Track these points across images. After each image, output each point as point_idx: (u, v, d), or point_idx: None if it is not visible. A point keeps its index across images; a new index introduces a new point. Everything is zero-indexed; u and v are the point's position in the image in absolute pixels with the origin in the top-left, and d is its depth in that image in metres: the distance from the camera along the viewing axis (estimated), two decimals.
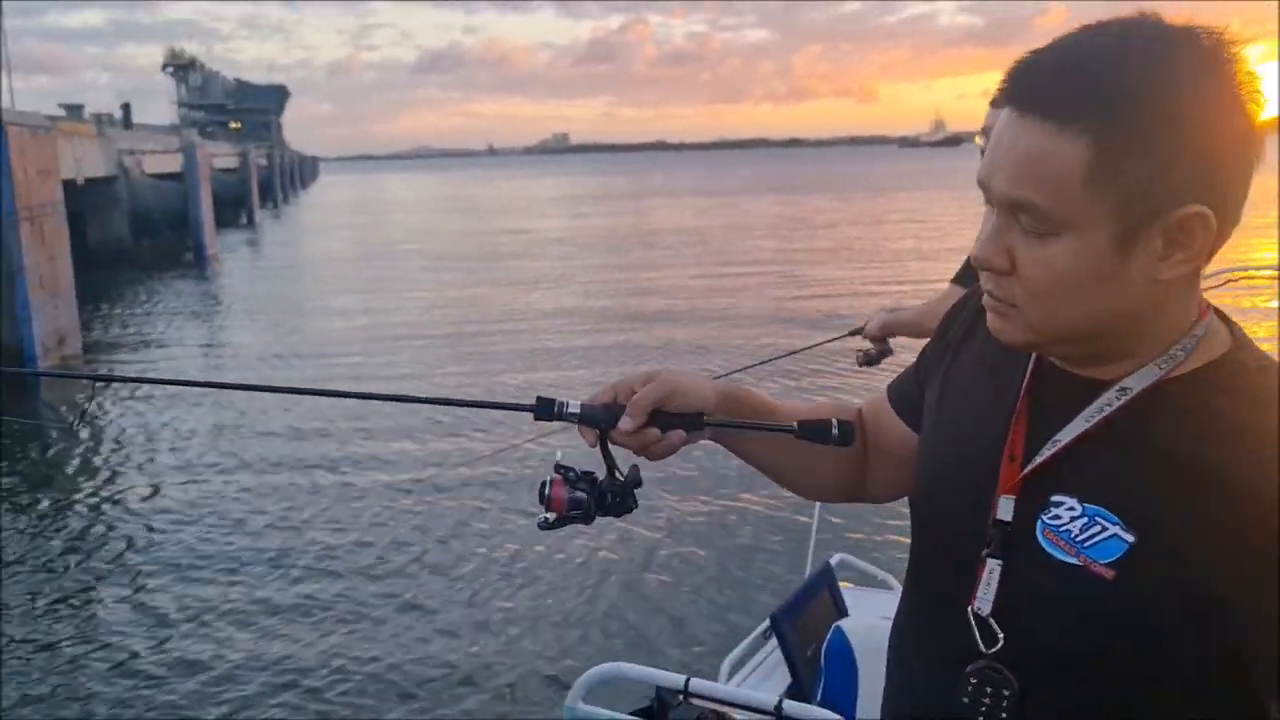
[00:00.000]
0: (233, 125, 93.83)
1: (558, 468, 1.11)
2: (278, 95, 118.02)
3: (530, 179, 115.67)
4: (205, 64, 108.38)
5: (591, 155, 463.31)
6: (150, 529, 7.34)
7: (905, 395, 1.27)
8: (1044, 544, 0.97)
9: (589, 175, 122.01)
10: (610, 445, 1.11)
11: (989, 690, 0.99)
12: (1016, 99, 0.91)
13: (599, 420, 1.09)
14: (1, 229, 12.79)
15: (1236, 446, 0.91)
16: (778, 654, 2.75)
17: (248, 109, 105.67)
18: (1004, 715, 0.99)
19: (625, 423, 1.09)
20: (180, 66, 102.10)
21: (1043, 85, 0.89)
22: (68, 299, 14.47)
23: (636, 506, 1.13)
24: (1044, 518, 0.98)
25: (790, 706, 1.92)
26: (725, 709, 1.99)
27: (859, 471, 1.31)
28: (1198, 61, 0.87)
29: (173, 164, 29.61)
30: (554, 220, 42.63)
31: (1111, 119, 0.86)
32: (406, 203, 67.19)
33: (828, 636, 2.48)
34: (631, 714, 2.20)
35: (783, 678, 2.73)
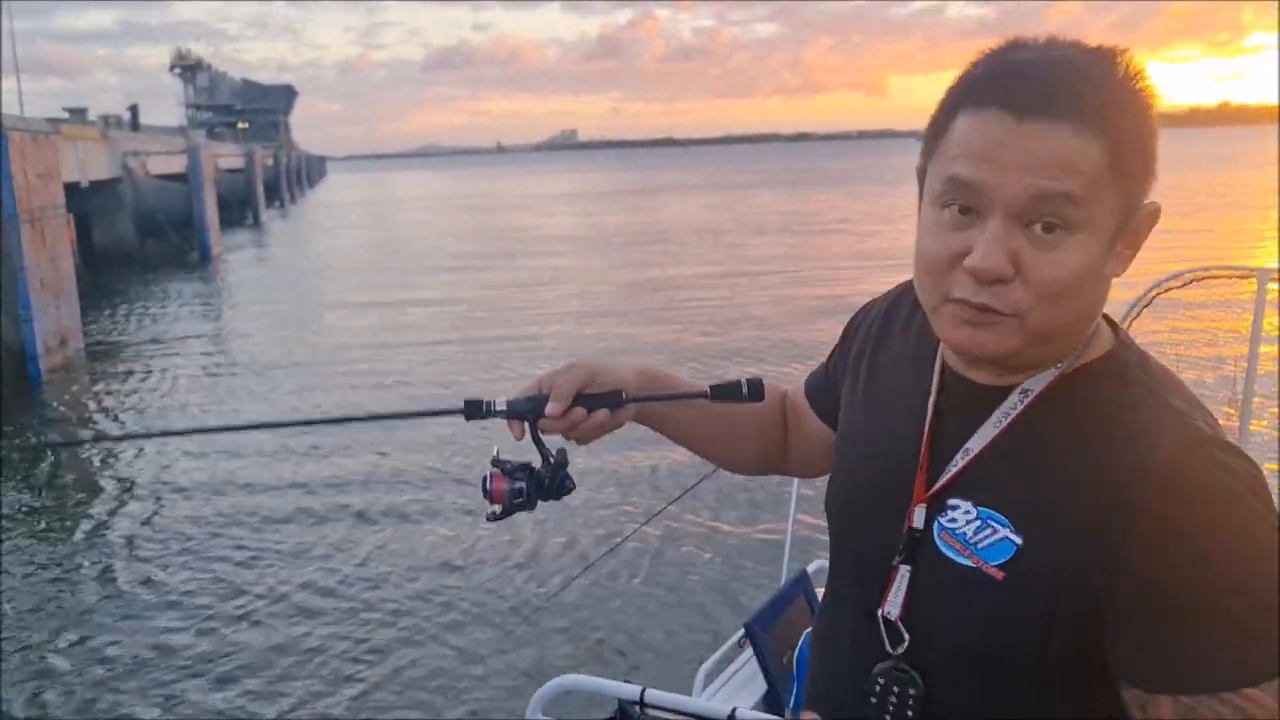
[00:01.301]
0: (240, 125, 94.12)
1: (494, 462, 1.17)
2: (285, 95, 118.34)
3: (538, 176, 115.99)
4: (213, 65, 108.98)
5: (600, 151, 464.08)
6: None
7: (818, 391, 1.33)
8: (941, 546, 1.01)
9: (597, 172, 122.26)
10: (542, 434, 1.18)
11: (895, 690, 1.02)
12: (1020, 102, 0.90)
13: (525, 412, 1.16)
14: (3, 231, 12.86)
15: (1116, 437, 0.94)
16: (754, 663, 2.70)
17: (255, 109, 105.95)
18: (909, 714, 1.02)
19: (551, 407, 1.15)
20: (187, 67, 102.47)
21: (1052, 90, 0.90)
22: (69, 300, 14.57)
23: (575, 487, 1.19)
24: (941, 520, 1.02)
25: (744, 714, 1.87)
26: (682, 719, 1.93)
27: (779, 448, 1.39)
28: (1149, 88, 0.93)
29: (177, 165, 29.74)
30: (562, 217, 42.71)
31: (1119, 128, 0.90)
32: (414, 201, 67.37)
33: (800, 643, 2.43)
34: None
35: (758, 686, 2.68)
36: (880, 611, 1.04)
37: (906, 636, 1.02)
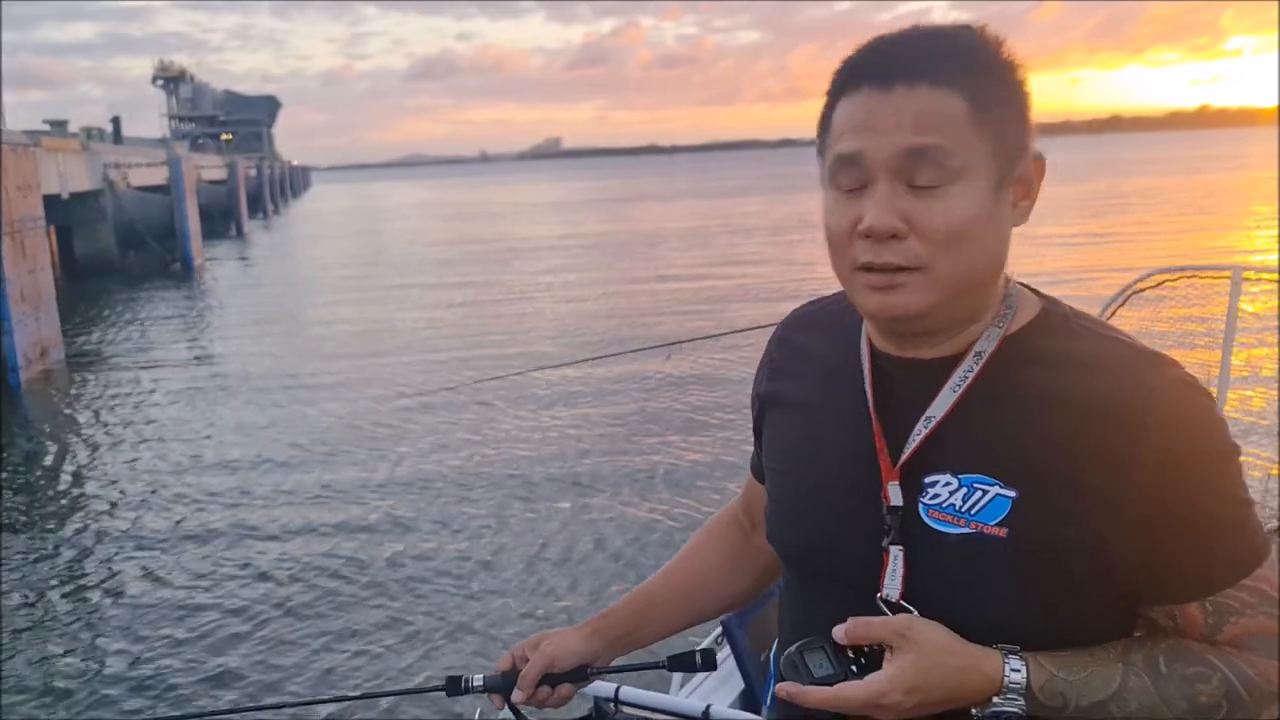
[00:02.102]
0: (224, 137, 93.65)
1: None
2: (269, 105, 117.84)
3: (523, 184, 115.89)
4: (196, 76, 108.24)
5: (585, 159, 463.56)
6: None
7: (760, 468, 1.30)
8: (933, 524, 1.00)
9: (582, 180, 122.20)
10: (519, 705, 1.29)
11: None
12: (882, 75, 0.97)
13: (500, 688, 1.27)
14: None
15: (1081, 376, 0.98)
16: (731, 661, 2.69)
17: (239, 120, 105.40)
18: None
19: (516, 695, 1.26)
20: (170, 79, 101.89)
21: (920, 57, 0.97)
22: (49, 311, 14.53)
23: None
24: (923, 500, 1.01)
25: (718, 711, 1.87)
26: (655, 716, 1.93)
27: (763, 562, 1.37)
28: (1000, 45, 1.00)
29: (159, 176, 29.66)
30: (547, 226, 42.64)
31: (973, 78, 0.96)
32: (399, 210, 67.19)
33: (776, 641, 2.42)
34: None
35: (735, 684, 2.68)
36: (879, 596, 1.01)
37: (915, 611, 0.99)
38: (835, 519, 1.08)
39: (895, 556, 1.01)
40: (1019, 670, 0.95)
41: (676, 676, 2.69)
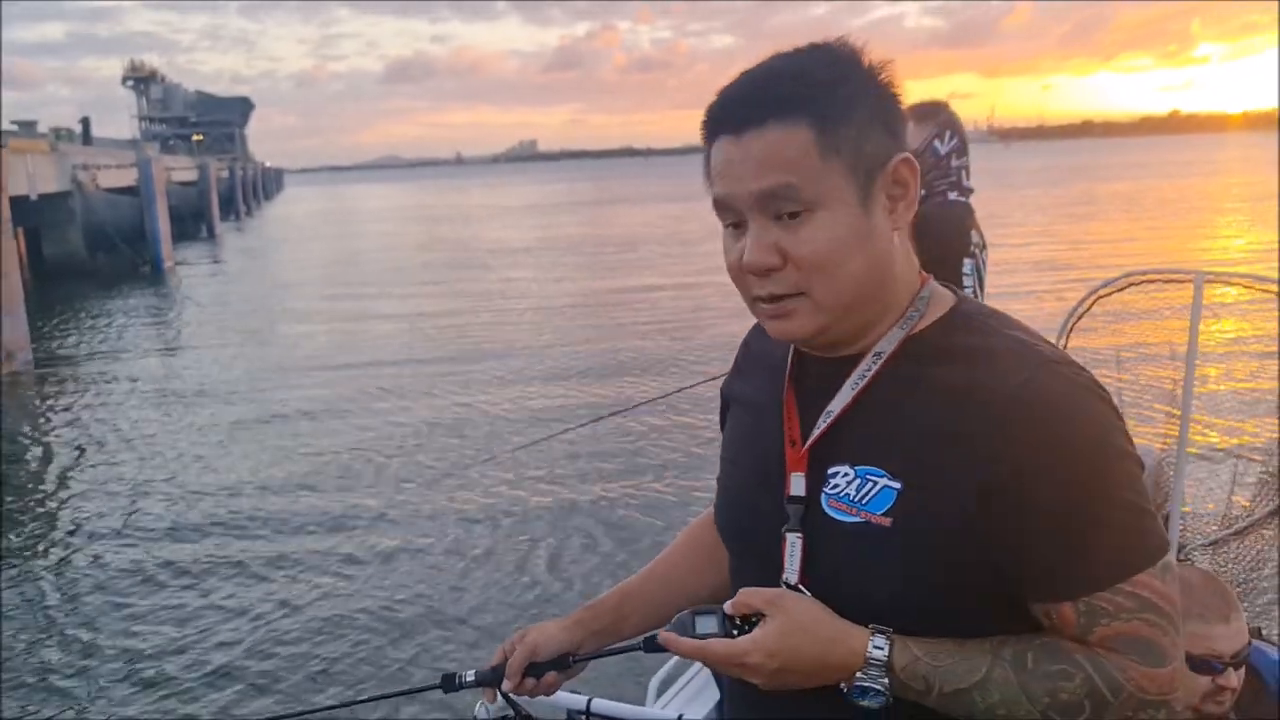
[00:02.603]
0: (195, 138, 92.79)
1: None
2: (241, 107, 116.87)
3: (499, 187, 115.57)
4: (167, 76, 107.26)
5: (560, 162, 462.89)
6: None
7: None
8: (831, 513, 1.06)
9: (557, 183, 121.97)
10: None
11: None
12: (734, 123, 1.04)
13: (491, 681, 1.34)
14: None
15: (972, 372, 1.01)
16: (706, 672, 2.68)
17: (210, 121, 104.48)
18: None
19: (505, 684, 1.32)
20: (141, 79, 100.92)
21: (759, 100, 1.03)
22: (17, 314, 14.35)
23: None
24: (825, 490, 1.07)
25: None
26: None
27: None
28: (850, 58, 1.05)
29: (129, 178, 29.36)
30: (524, 230, 42.52)
31: (817, 105, 1.01)
32: (373, 213, 66.86)
33: None
34: None
35: (711, 695, 2.67)
36: (782, 578, 1.08)
37: (808, 594, 1.06)
38: (756, 506, 1.14)
39: (793, 543, 1.08)
40: (881, 648, 0.99)
41: (652, 689, 2.68)
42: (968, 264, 2.88)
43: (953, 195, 2.98)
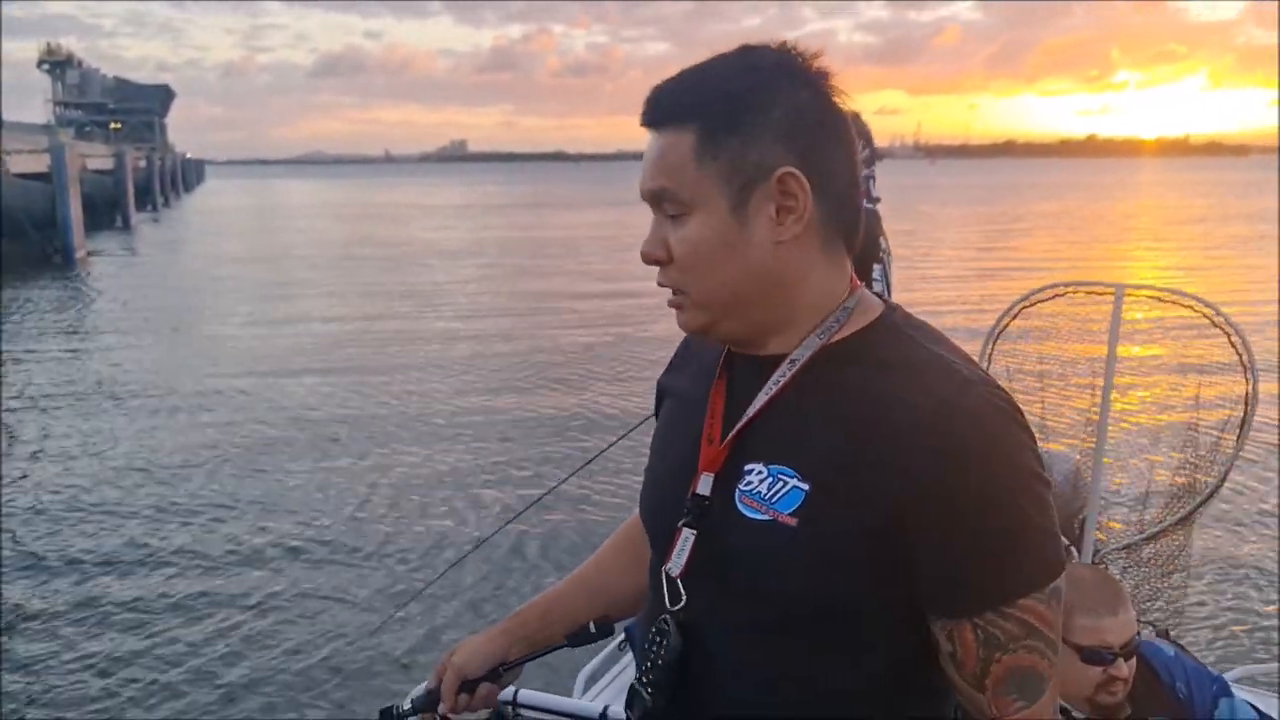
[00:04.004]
0: (113, 125, 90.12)
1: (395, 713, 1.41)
2: (162, 95, 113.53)
3: (428, 186, 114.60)
4: (85, 61, 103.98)
5: (491, 164, 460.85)
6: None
7: None
8: (741, 509, 1.07)
9: (488, 184, 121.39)
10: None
11: (660, 644, 1.12)
12: (648, 121, 1.09)
13: (428, 706, 1.39)
14: None
15: (889, 383, 1.02)
16: (634, 666, 2.61)
17: (129, 109, 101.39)
18: (668, 668, 1.10)
19: (442, 707, 1.38)
20: (56, 63, 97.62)
21: (661, 103, 1.08)
22: None
23: None
24: (739, 486, 1.08)
25: (615, 712, 1.83)
26: (554, 718, 1.91)
27: None
28: (774, 65, 1.06)
29: (40, 164, 28.48)
30: (454, 230, 42.20)
31: (708, 112, 1.05)
32: (297, 209, 65.56)
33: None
34: None
35: None
36: (664, 568, 1.12)
37: (684, 595, 1.11)
38: (669, 499, 1.16)
39: (686, 538, 1.11)
40: None
41: (580, 681, 2.68)
42: (876, 269, 3.02)
43: (864, 204, 2.98)
